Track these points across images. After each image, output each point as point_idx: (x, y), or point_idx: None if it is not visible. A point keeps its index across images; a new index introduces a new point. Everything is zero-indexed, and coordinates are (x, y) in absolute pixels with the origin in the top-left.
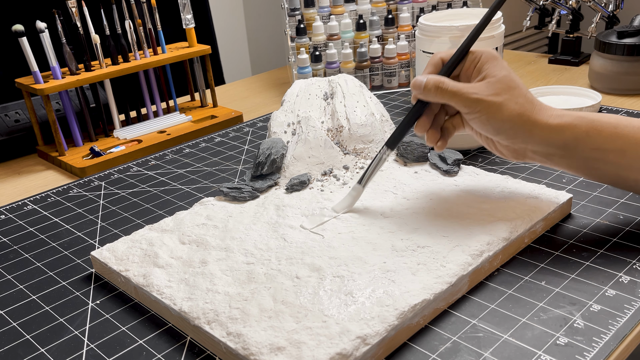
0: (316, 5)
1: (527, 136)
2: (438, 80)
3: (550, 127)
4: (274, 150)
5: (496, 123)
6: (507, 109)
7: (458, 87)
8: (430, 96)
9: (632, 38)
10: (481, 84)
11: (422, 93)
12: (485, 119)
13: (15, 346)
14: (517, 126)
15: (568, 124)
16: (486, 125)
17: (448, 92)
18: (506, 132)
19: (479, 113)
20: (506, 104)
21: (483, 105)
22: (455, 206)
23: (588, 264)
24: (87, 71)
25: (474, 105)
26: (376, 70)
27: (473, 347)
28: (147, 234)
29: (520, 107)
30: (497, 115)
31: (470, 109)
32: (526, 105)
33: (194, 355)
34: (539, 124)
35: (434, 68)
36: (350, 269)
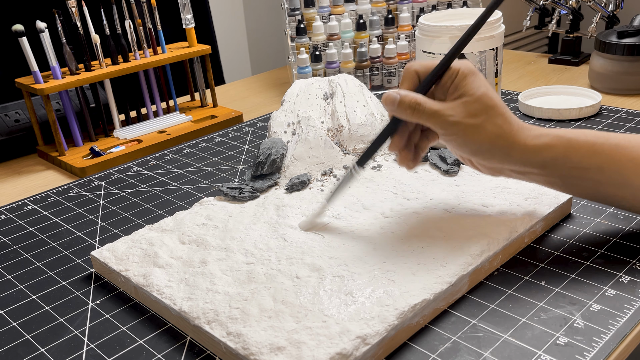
0: (316, 5)
1: (504, 157)
2: (414, 101)
3: (527, 148)
4: (274, 150)
5: (474, 145)
6: (485, 131)
7: (435, 109)
8: (405, 115)
9: (632, 38)
10: (458, 104)
11: (397, 110)
12: (462, 142)
13: (15, 346)
14: (495, 148)
15: (545, 144)
16: (463, 147)
17: (425, 114)
18: (483, 154)
19: (455, 135)
20: (484, 126)
21: (460, 127)
22: (455, 206)
23: (588, 264)
24: (87, 71)
25: (451, 128)
26: (376, 70)
27: (473, 347)
28: (147, 233)
29: (498, 128)
30: (475, 138)
31: (447, 131)
32: (504, 126)
33: (194, 355)
34: (516, 146)
35: (409, 83)
36: (350, 269)
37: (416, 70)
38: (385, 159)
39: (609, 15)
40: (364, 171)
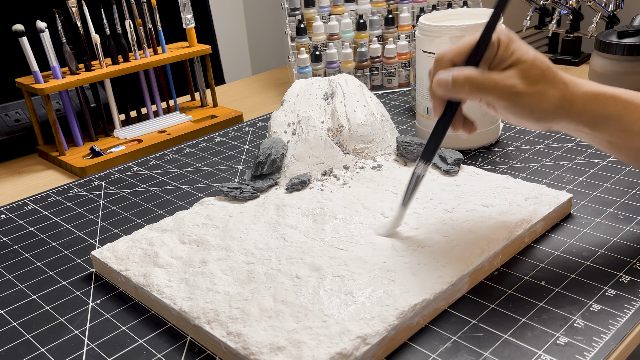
0: (316, 5)
1: (565, 115)
2: (469, 75)
3: (585, 104)
4: (274, 150)
5: (540, 113)
6: (549, 97)
7: (495, 80)
8: (462, 94)
9: (632, 38)
10: (515, 72)
11: (452, 90)
12: (528, 112)
13: (16, 346)
14: (559, 109)
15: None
16: (529, 117)
17: (484, 87)
18: (546, 118)
19: (521, 106)
20: (547, 92)
21: (524, 97)
22: (456, 206)
23: (588, 264)
24: (87, 71)
25: (516, 99)
26: (376, 70)
27: (473, 347)
28: (147, 233)
29: (558, 90)
30: (541, 106)
31: (512, 103)
32: (563, 87)
33: (194, 355)
34: (576, 102)
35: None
36: (350, 269)
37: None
38: (385, 159)
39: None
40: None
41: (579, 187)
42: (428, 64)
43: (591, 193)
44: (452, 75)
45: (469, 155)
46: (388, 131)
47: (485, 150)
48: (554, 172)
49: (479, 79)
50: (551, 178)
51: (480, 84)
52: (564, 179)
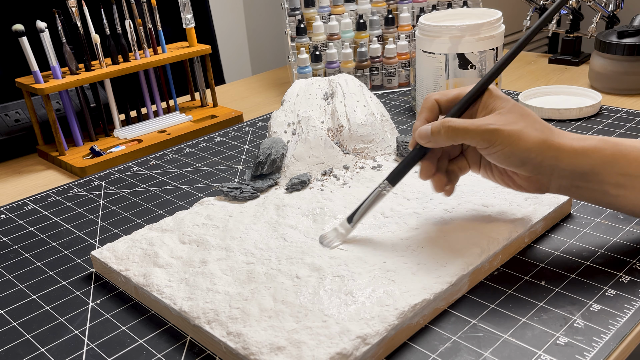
0: (316, 5)
1: (553, 163)
2: (444, 122)
3: (576, 151)
4: (274, 150)
5: (521, 153)
6: (529, 137)
7: (470, 122)
8: (441, 140)
9: (632, 38)
10: (493, 115)
11: (432, 140)
12: (508, 151)
13: (15, 346)
14: (543, 153)
15: (593, 147)
16: (510, 158)
17: (460, 129)
18: (532, 161)
19: (500, 145)
20: (526, 132)
21: (503, 135)
22: (456, 206)
23: (588, 264)
24: (87, 71)
25: (493, 137)
26: (376, 70)
27: (473, 347)
28: (147, 233)
29: (540, 132)
30: (521, 145)
31: (490, 143)
32: (545, 130)
33: (194, 355)
34: (564, 149)
35: (430, 112)
36: (350, 269)
37: (436, 99)
38: (385, 159)
39: (609, 15)
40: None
41: None
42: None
43: None
44: (430, 126)
45: None
46: (388, 131)
47: None
48: None
49: (454, 123)
50: None
51: (456, 128)
52: None
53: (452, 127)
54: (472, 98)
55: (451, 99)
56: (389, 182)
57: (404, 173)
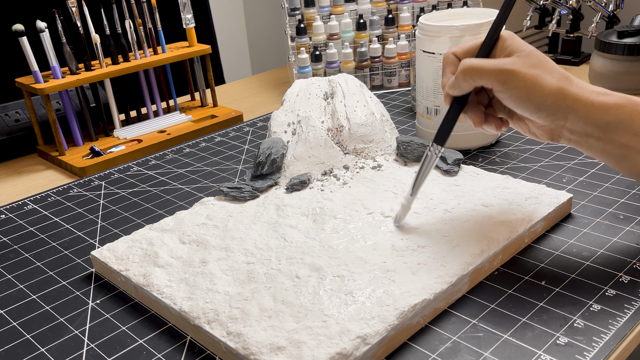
0: (316, 5)
1: (568, 113)
2: (465, 63)
3: (593, 104)
4: (274, 150)
5: (536, 99)
6: (546, 83)
7: (487, 62)
8: (460, 82)
9: (632, 38)
10: (512, 58)
11: (454, 86)
12: (524, 96)
13: (15, 346)
14: (559, 101)
15: (613, 103)
16: (525, 103)
17: (476, 68)
18: (547, 109)
19: (516, 89)
20: (544, 77)
21: (519, 77)
22: (456, 206)
23: (588, 264)
24: (87, 71)
25: (509, 78)
26: (376, 70)
27: (473, 347)
28: (147, 233)
29: (558, 80)
30: (537, 90)
31: (505, 84)
32: (563, 79)
33: (194, 355)
34: (581, 100)
35: (453, 66)
36: (350, 269)
37: (454, 52)
38: (385, 159)
39: (609, 15)
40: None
41: (579, 187)
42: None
43: (591, 193)
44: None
45: (469, 155)
46: (388, 131)
47: (485, 150)
48: (554, 172)
49: (474, 64)
50: (551, 178)
51: (475, 68)
52: (564, 179)
53: (468, 66)
54: (491, 39)
55: (468, 50)
56: (437, 143)
57: (449, 131)
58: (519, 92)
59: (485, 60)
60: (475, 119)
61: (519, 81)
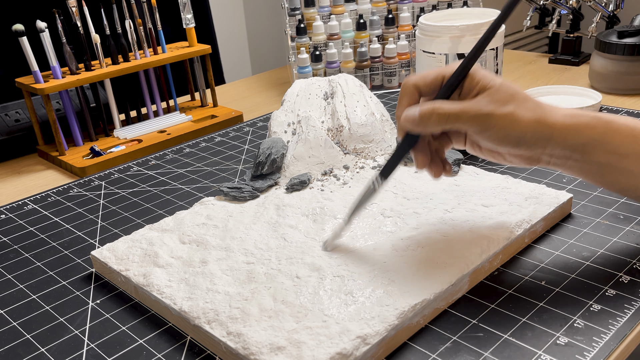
0: (316, 5)
1: (546, 142)
2: (433, 107)
3: (568, 128)
4: (274, 150)
5: (516, 135)
6: (523, 118)
7: (461, 107)
8: (430, 126)
9: (632, 38)
10: (482, 97)
11: (419, 125)
12: (503, 135)
13: (15, 346)
14: (537, 133)
15: (585, 123)
16: (504, 141)
17: (452, 115)
18: (527, 142)
19: (494, 129)
20: (519, 112)
21: (497, 118)
22: (456, 206)
23: (588, 264)
24: (87, 71)
25: (487, 121)
26: (376, 70)
27: (473, 347)
28: (147, 233)
29: (533, 112)
30: (515, 127)
31: (483, 127)
32: (537, 109)
33: (194, 355)
34: (557, 127)
35: (409, 98)
36: (350, 269)
37: (414, 84)
38: (385, 159)
39: (609, 15)
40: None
41: (579, 187)
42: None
43: (591, 193)
44: (419, 110)
45: (469, 155)
46: (388, 131)
47: None
48: (554, 172)
49: (445, 108)
50: (551, 178)
51: (447, 113)
52: (564, 179)
53: (444, 113)
54: (458, 78)
55: (430, 82)
56: (381, 176)
57: (395, 165)
58: (498, 132)
59: (457, 104)
60: (420, 159)
61: (497, 121)
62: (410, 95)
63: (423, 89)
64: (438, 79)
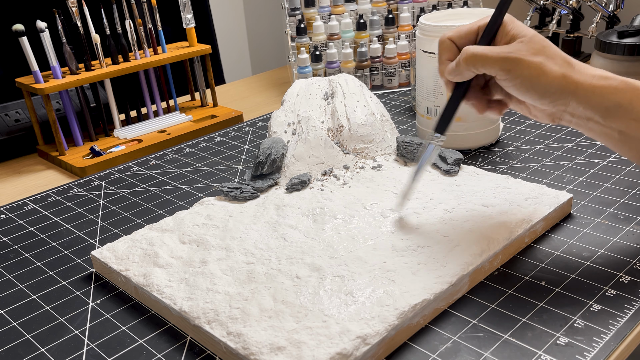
0: (316, 5)
1: (570, 98)
2: (464, 50)
3: (594, 90)
4: (274, 150)
5: (541, 86)
6: (550, 70)
7: (490, 49)
8: (462, 69)
9: (632, 38)
10: (514, 44)
11: (455, 72)
12: (529, 84)
13: (16, 346)
14: (562, 88)
15: (613, 87)
16: (530, 91)
17: (479, 56)
18: (551, 96)
19: (521, 77)
20: (548, 65)
21: (523, 66)
22: (456, 206)
23: (588, 264)
24: (87, 71)
25: (513, 66)
26: (376, 70)
27: (473, 347)
28: (147, 233)
29: (560, 67)
30: (541, 78)
31: (509, 72)
32: (565, 65)
33: (194, 355)
34: (583, 86)
35: (450, 52)
36: (350, 269)
37: (449, 37)
38: (385, 159)
39: (610, 15)
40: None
41: (579, 187)
42: (428, 64)
43: (591, 193)
44: (455, 61)
45: (469, 155)
46: (388, 131)
47: (485, 150)
48: (554, 172)
49: (477, 52)
50: (551, 178)
51: (478, 56)
52: (564, 179)
53: (472, 54)
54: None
55: (465, 34)
56: (438, 132)
57: (450, 119)
58: (524, 80)
59: (488, 48)
60: (478, 106)
61: (524, 69)
62: (448, 49)
63: (458, 41)
64: (472, 31)
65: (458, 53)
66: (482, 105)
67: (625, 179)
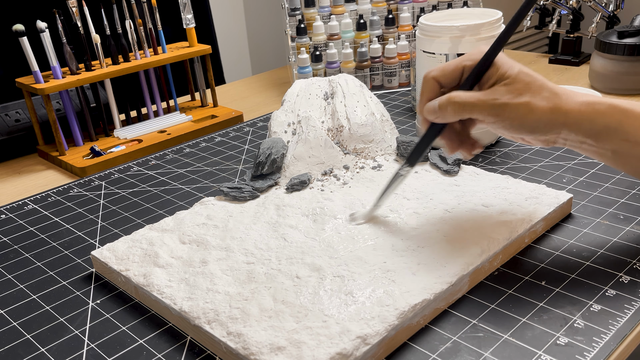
0: (316, 5)
1: (561, 128)
2: (449, 97)
3: (582, 115)
4: (275, 150)
5: (530, 125)
6: (537, 108)
7: (477, 97)
8: (448, 115)
9: (632, 38)
10: (498, 87)
11: (439, 115)
12: (517, 124)
13: (16, 346)
14: (552, 121)
15: (601, 112)
16: (519, 130)
17: (467, 105)
18: (541, 130)
19: (509, 119)
20: (534, 103)
21: (512, 109)
22: (456, 206)
23: (588, 264)
24: (87, 71)
25: (501, 112)
26: (376, 70)
27: (473, 347)
28: (148, 233)
29: (548, 101)
30: (530, 117)
31: (498, 117)
32: (552, 97)
33: (194, 355)
34: (571, 114)
35: (431, 92)
36: (350, 269)
37: (434, 77)
38: (385, 159)
39: (610, 15)
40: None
41: (579, 187)
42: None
43: (591, 193)
44: (437, 101)
45: None
46: (388, 131)
47: (485, 150)
48: (554, 172)
49: (465, 101)
50: (551, 178)
51: (463, 103)
52: (564, 179)
53: (459, 103)
54: (481, 70)
55: (450, 73)
56: (408, 164)
57: (422, 154)
58: (512, 121)
59: (475, 95)
60: (450, 145)
61: (512, 112)
62: (431, 89)
63: (443, 81)
64: (458, 70)
65: (439, 92)
66: (454, 144)
67: (625, 179)
